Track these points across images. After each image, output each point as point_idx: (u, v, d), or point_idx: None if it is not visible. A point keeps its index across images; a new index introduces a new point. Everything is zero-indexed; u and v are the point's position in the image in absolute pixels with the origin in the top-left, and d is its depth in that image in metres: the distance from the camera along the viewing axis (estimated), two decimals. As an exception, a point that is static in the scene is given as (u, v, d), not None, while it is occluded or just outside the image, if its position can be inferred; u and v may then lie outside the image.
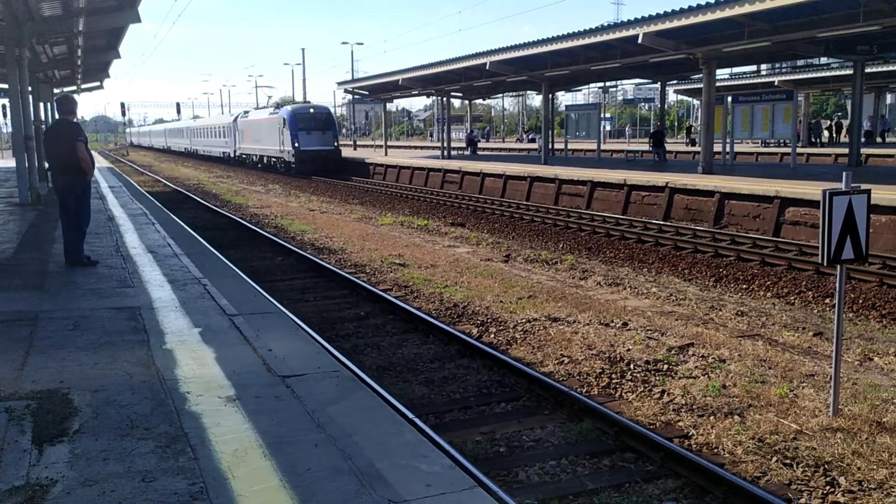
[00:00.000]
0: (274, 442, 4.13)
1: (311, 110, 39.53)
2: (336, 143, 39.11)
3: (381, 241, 15.78)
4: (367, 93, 42.09)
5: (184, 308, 7.37)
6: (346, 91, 44.98)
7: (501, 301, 10.10)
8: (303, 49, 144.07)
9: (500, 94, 51.82)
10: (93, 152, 11.33)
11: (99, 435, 4.25)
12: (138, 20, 17.10)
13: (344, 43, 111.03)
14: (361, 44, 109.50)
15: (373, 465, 3.82)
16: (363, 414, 4.58)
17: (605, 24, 21.32)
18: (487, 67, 26.51)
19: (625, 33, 19.69)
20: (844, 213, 5.69)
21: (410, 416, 5.72)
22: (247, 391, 4.97)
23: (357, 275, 12.15)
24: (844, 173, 5.87)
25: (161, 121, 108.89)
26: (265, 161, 43.94)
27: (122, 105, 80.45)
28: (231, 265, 10.31)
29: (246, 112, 51.48)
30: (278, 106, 45.09)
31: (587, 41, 21.39)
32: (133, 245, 11.69)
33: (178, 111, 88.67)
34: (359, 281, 11.27)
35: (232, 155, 51.72)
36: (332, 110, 42.72)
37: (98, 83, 34.24)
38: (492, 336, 8.56)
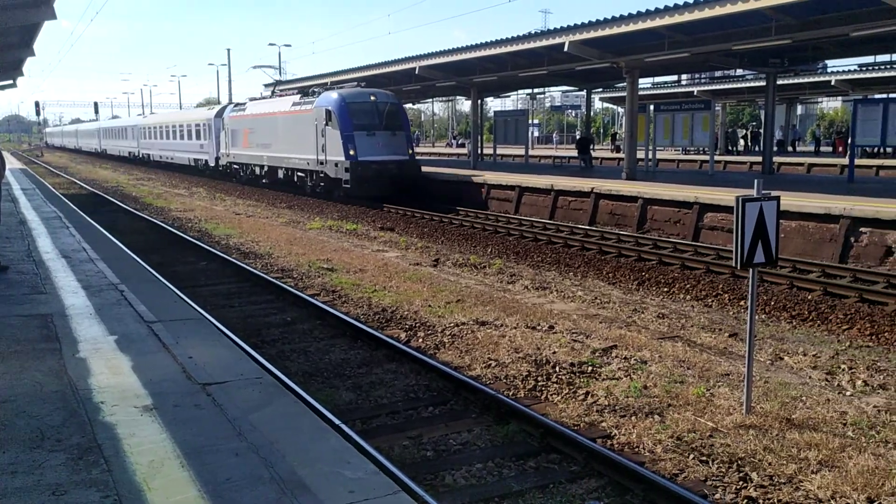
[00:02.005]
0: (192, 452, 4.02)
1: (373, 97, 23.99)
2: (411, 151, 24.44)
3: (309, 245, 15.58)
4: (295, 94, 41.47)
5: (99, 315, 7.10)
6: (273, 94, 44.16)
7: (430, 305, 10.11)
8: (228, 49, 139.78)
9: (430, 99, 52.00)
10: (4, 153, 10.82)
11: (7, 447, 4.06)
12: (54, 17, 16.41)
13: (271, 44, 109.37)
14: (289, 45, 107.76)
15: (295, 472, 3.76)
16: (287, 421, 4.51)
17: (533, 32, 21.69)
18: (417, 72, 26.56)
19: (551, 41, 20.06)
20: (756, 219, 5.93)
21: (337, 421, 5.65)
22: (165, 400, 4.82)
23: (284, 279, 11.96)
24: (756, 180, 6.12)
25: (78, 120, 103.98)
26: (286, 176, 28.18)
27: (37, 104, 76.54)
28: (151, 270, 10.00)
29: (240, 104, 35.15)
30: (307, 92, 27.66)
31: (515, 48, 21.69)
32: (46, 249, 11.20)
33: (97, 111, 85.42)
34: (285, 286, 11.10)
35: (211, 164, 36.64)
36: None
37: (11, 81, 32.62)
38: (420, 340, 8.56)
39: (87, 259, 10.35)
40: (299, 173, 26.79)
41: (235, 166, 33.24)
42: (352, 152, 22.58)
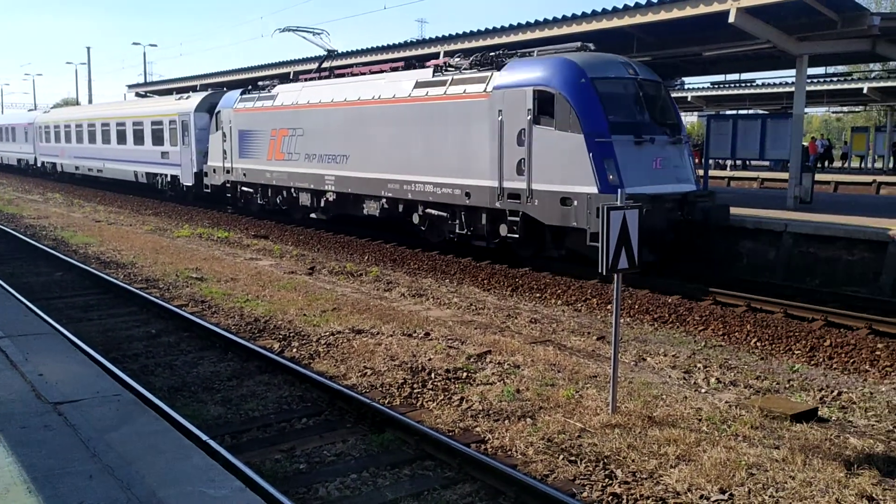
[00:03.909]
0: (41, 476, 3.72)
1: (630, 70, 12.55)
2: (700, 179, 13.92)
3: (177, 254, 14.92)
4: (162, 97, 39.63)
5: (-65, 331, 6.48)
6: (137, 95, 42.01)
7: (305, 314, 9.92)
8: (88, 47, 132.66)
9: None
10: None
11: None
12: None
13: (136, 43, 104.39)
14: (155, 45, 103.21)
15: (155, 494, 3.56)
16: (147, 439, 4.27)
17: (410, 41, 21.81)
18: (291, 77, 26.08)
19: (427, 50, 20.24)
20: (620, 227, 6.21)
21: (204, 437, 5.42)
22: (11, 421, 4.45)
23: (149, 290, 11.38)
24: (619, 190, 6.41)
25: None
26: (391, 212, 15.90)
27: None
28: (-2, 281, 9.24)
29: (256, 89, 20.64)
30: (487, 60, 13.62)
31: (391, 56, 21.73)
32: None
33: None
34: (150, 297, 10.57)
35: (186, 182, 23.94)
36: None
37: None
38: (294, 350, 8.37)
39: (-79, 270, 9.44)
40: (434, 211, 14.49)
41: (247, 189, 20.51)
42: (611, 177, 11.27)
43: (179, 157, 24.17)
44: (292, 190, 18.78)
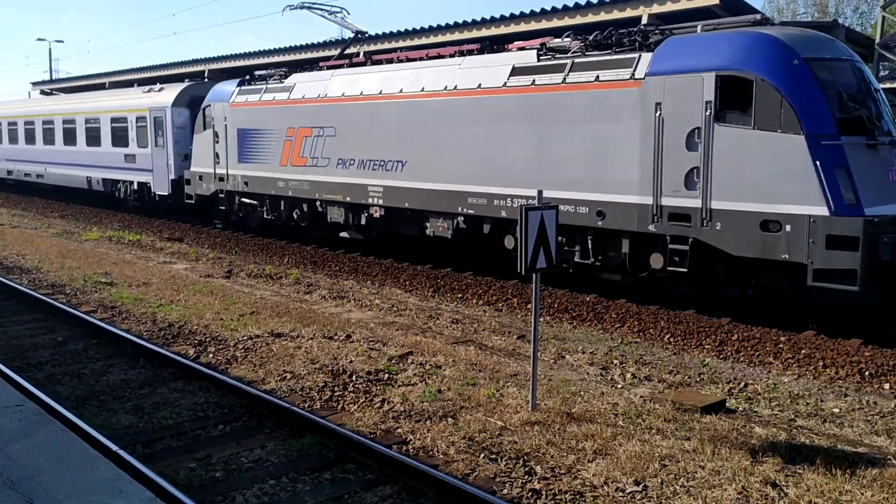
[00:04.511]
0: (-68, 494, 3.50)
1: (846, 51, 9.70)
2: None
3: (86, 258, 14.32)
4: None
5: None
6: (42, 93, 40.06)
7: (222, 319, 9.68)
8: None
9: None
10: None
11: None
12: None
13: (40, 39, 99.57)
14: (62, 41, 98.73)
15: (59, 507, 3.41)
16: (52, 451, 4.08)
17: (327, 41, 21.57)
18: (206, 76, 25.44)
19: (350, 49, 20.09)
20: (538, 227, 6.30)
21: (114, 447, 5.22)
22: None
23: (55, 296, 10.88)
24: (538, 190, 6.52)
25: None
26: (469, 232, 12.55)
27: None
28: None
29: (262, 79, 17.16)
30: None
31: (309, 55, 21.47)
32: None
33: None
34: (56, 303, 10.11)
35: (160, 191, 20.43)
36: None
37: None
38: (210, 356, 8.15)
39: None
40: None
41: (249, 200, 17.18)
42: (846, 194, 8.51)
43: (150, 160, 20.40)
44: (317, 203, 15.18)
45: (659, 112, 9.69)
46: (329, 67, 15.50)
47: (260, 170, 16.32)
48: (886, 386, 7.53)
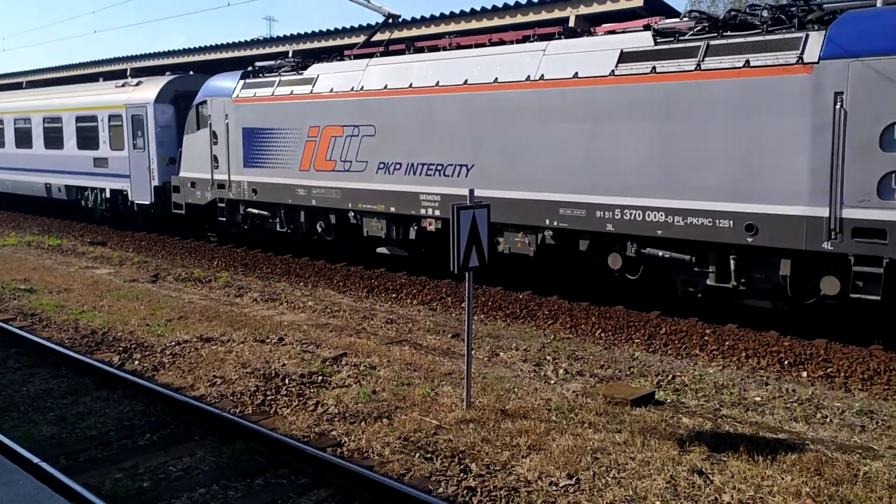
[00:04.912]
0: None
1: None
2: None
3: (3, 264, 13.71)
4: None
5: None
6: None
7: (148, 324, 9.40)
8: None
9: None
10: None
11: None
12: None
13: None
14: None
15: (-27, 526, 3.25)
16: (-36, 467, 3.88)
17: (259, 38, 21.18)
18: (129, 74, 24.67)
19: (280, 49, 19.79)
20: (470, 226, 6.34)
21: (35, 460, 5.02)
22: None
23: (-32, 304, 10.37)
24: (470, 190, 6.56)
25: None
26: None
27: None
28: None
29: (272, 70, 14.82)
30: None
31: (238, 54, 21.06)
32: None
33: None
34: (-30, 311, 9.63)
35: (141, 200, 17.65)
36: None
37: None
38: (136, 363, 7.91)
39: None
40: (664, 252, 9.42)
41: (257, 211, 14.75)
42: None
43: (128, 165, 17.72)
44: (350, 214, 12.95)
45: (840, 104, 7.90)
46: (357, 56, 13.34)
47: (273, 175, 14.04)
48: (804, 374, 7.87)
